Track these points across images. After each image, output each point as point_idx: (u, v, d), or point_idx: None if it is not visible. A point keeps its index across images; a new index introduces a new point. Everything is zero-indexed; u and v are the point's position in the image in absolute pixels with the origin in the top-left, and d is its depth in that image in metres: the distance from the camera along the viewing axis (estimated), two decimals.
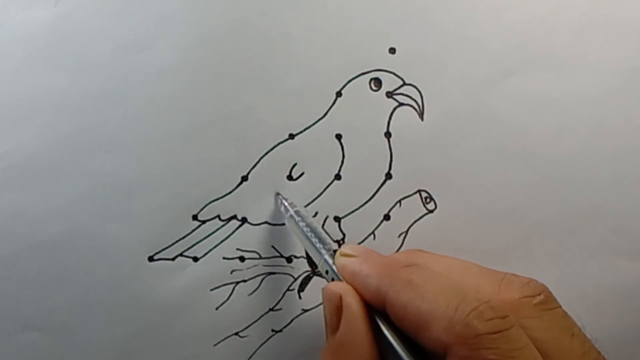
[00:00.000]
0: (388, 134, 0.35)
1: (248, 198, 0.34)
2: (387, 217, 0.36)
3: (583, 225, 0.38)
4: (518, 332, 0.23)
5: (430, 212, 0.36)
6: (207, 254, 0.34)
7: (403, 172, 0.35)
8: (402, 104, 0.35)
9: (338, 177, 0.35)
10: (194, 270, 0.33)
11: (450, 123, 0.36)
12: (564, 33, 0.37)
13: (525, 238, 0.37)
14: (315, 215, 0.35)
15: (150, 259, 0.33)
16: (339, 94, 0.34)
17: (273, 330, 0.35)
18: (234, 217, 0.34)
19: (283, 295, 0.35)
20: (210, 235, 0.33)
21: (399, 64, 0.35)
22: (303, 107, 0.34)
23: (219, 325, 0.34)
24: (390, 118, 0.35)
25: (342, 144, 0.35)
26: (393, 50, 0.35)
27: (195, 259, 0.33)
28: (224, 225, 0.34)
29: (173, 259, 0.33)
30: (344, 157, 0.35)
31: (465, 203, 0.36)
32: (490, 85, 0.36)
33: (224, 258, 0.34)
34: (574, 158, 0.37)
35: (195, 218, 0.33)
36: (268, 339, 0.35)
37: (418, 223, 0.36)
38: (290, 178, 0.34)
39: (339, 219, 0.35)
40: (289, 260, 0.35)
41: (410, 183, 0.36)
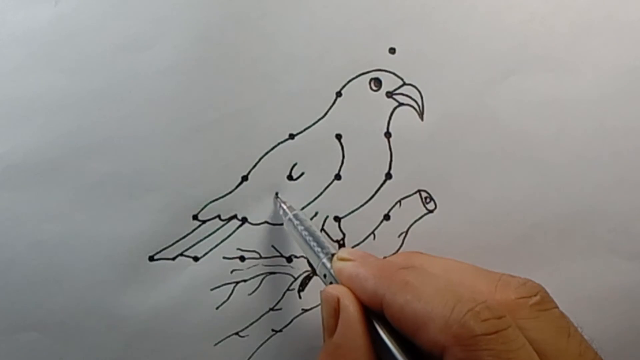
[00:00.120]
0: (388, 134, 0.35)
1: (248, 198, 0.34)
2: (387, 217, 0.36)
3: (583, 226, 0.38)
4: (515, 332, 0.23)
5: (430, 212, 0.36)
6: (207, 254, 0.34)
7: (403, 172, 0.35)
8: (402, 104, 0.35)
9: (338, 177, 0.35)
10: (194, 270, 0.33)
11: (450, 123, 0.36)
12: (564, 33, 0.37)
13: (525, 238, 0.37)
14: (316, 215, 0.35)
15: (151, 259, 0.33)
16: (339, 94, 0.34)
17: (273, 330, 0.35)
18: (234, 217, 0.34)
19: (283, 295, 0.35)
20: (211, 235, 0.33)
21: (399, 64, 0.35)
22: (303, 107, 0.34)
23: (219, 325, 0.34)
24: (390, 118, 0.35)
25: (342, 144, 0.35)
26: (393, 50, 0.35)
27: (196, 259, 0.33)
28: (224, 225, 0.34)
29: (173, 259, 0.33)
30: (344, 157, 0.35)
31: (465, 203, 0.36)
32: (490, 86, 0.36)
33: (224, 258, 0.34)
34: (574, 158, 0.37)
35: (196, 218, 0.33)
36: (268, 339, 0.35)
37: (418, 223, 0.36)
38: (290, 178, 0.34)
39: (339, 219, 0.35)
40: (289, 260, 0.35)
41: (410, 183, 0.36)
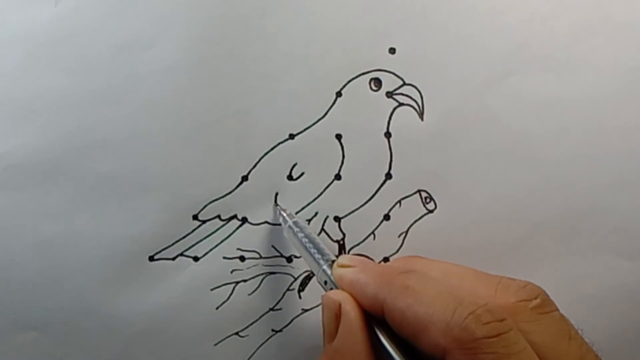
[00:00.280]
0: (388, 134, 0.35)
1: (248, 198, 0.34)
2: (387, 217, 0.36)
3: (583, 226, 0.38)
4: (516, 335, 0.23)
5: (430, 212, 0.36)
6: (207, 254, 0.34)
7: (403, 172, 0.35)
8: (402, 104, 0.35)
9: (338, 177, 0.35)
10: (194, 270, 0.33)
11: (450, 123, 0.36)
12: (564, 33, 0.37)
13: (525, 238, 0.37)
14: (316, 215, 0.35)
15: (151, 259, 0.33)
16: (339, 94, 0.34)
17: (273, 330, 0.35)
18: (234, 217, 0.34)
19: (283, 295, 0.35)
20: (211, 235, 0.33)
21: (399, 64, 0.35)
22: (303, 107, 0.34)
23: (219, 325, 0.34)
24: (390, 118, 0.35)
25: (342, 144, 0.35)
26: (393, 50, 0.35)
27: (196, 259, 0.33)
28: (224, 225, 0.34)
29: (173, 259, 0.33)
30: (344, 157, 0.35)
31: (465, 203, 0.36)
32: (490, 86, 0.36)
33: (224, 258, 0.34)
34: (574, 158, 0.37)
35: (196, 218, 0.33)
36: (268, 339, 0.35)
37: (418, 223, 0.36)
38: (290, 178, 0.34)
39: (339, 219, 0.35)
40: (289, 260, 0.35)
41: (410, 183, 0.36)
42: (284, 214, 0.33)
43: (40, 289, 0.32)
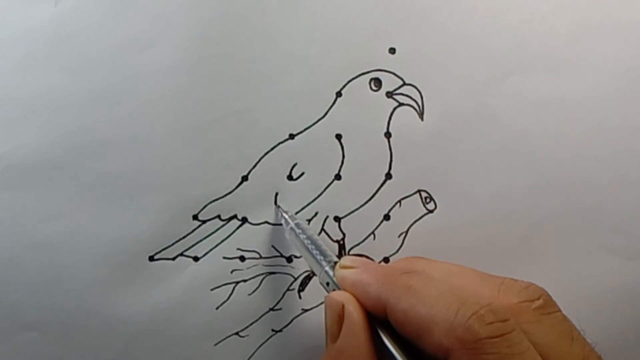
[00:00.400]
0: (388, 134, 0.35)
1: (248, 198, 0.34)
2: (387, 217, 0.36)
3: (583, 226, 0.38)
4: (519, 335, 0.23)
5: (430, 212, 0.36)
6: (207, 254, 0.34)
7: (403, 172, 0.35)
8: (402, 104, 0.35)
9: (338, 177, 0.35)
10: (194, 270, 0.33)
11: (450, 123, 0.36)
12: (564, 33, 0.37)
13: (525, 238, 0.37)
14: (316, 215, 0.35)
15: (151, 259, 0.33)
16: (339, 94, 0.34)
17: (273, 330, 0.35)
18: (234, 217, 0.34)
19: (283, 295, 0.35)
20: (211, 235, 0.33)
21: (399, 64, 0.35)
22: (303, 107, 0.34)
23: (219, 325, 0.34)
24: (390, 118, 0.35)
25: (342, 144, 0.35)
26: (393, 50, 0.35)
27: (196, 259, 0.33)
28: (224, 225, 0.34)
29: (173, 259, 0.33)
30: (344, 157, 0.35)
31: (465, 203, 0.36)
32: (490, 86, 0.36)
33: (224, 258, 0.34)
34: (574, 158, 0.37)
35: (196, 218, 0.33)
36: (268, 339, 0.35)
37: (418, 223, 0.36)
38: (290, 178, 0.34)
39: (339, 219, 0.35)
40: (289, 260, 0.35)
41: (410, 183, 0.36)
42: (286, 216, 0.33)
43: (40, 289, 0.32)
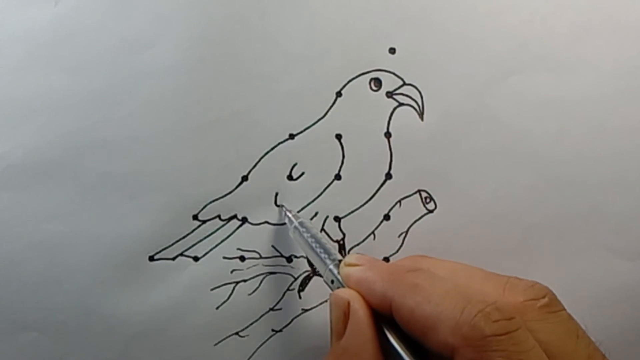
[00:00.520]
0: (388, 134, 0.35)
1: (248, 198, 0.34)
2: (387, 217, 0.36)
3: (583, 226, 0.38)
4: (525, 334, 0.23)
5: (430, 212, 0.36)
6: (207, 254, 0.34)
7: (403, 172, 0.35)
8: (402, 104, 0.35)
9: (338, 177, 0.35)
10: (194, 270, 0.33)
11: (450, 123, 0.36)
12: (564, 33, 0.37)
13: (525, 238, 0.37)
14: (316, 215, 0.35)
15: (151, 259, 0.33)
16: (339, 94, 0.34)
17: (273, 330, 0.35)
18: (234, 216, 0.34)
19: (283, 295, 0.35)
20: (211, 235, 0.33)
21: (399, 64, 0.35)
22: (303, 107, 0.34)
23: (219, 325, 0.34)
24: (390, 118, 0.35)
25: (342, 144, 0.35)
26: (393, 50, 0.35)
27: (196, 259, 0.33)
28: (224, 225, 0.34)
29: (173, 259, 0.33)
30: (344, 157, 0.35)
31: (465, 203, 0.36)
32: (490, 85, 0.36)
33: (224, 258, 0.34)
34: (574, 158, 0.37)
35: (196, 218, 0.33)
36: (268, 339, 0.35)
37: (418, 223, 0.36)
38: (290, 178, 0.34)
39: (339, 219, 0.35)
40: (289, 260, 0.35)
41: (410, 183, 0.36)
42: (290, 215, 0.33)
43: (40, 289, 0.32)
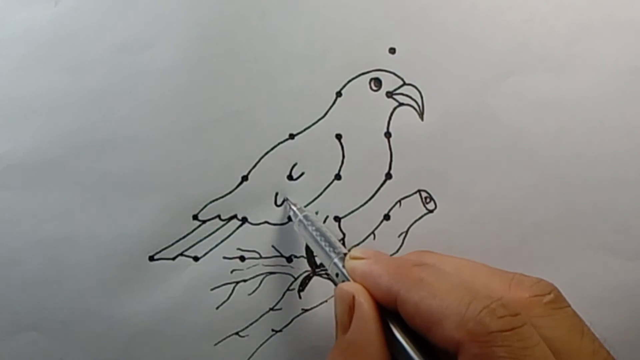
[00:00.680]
0: (388, 134, 0.35)
1: (248, 198, 0.34)
2: (387, 217, 0.36)
3: (583, 226, 0.38)
4: (530, 330, 0.23)
5: (430, 212, 0.36)
6: (207, 254, 0.34)
7: (403, 172, 0.35)
8: (402, 104, 0.35)
9: (338, 177, 0.35)
10: (194, 270, 0.33)
11: (450, 123, 0.36)
12: (564, 33, 0.37)
13: (525, 238, 0.37)
14: (316, 215, 0.35)
15: (151, 259, 0.33)
16: (339, 94, 0.34)
17: (273, 330, 0.35)
18: (234, 216, 0.34)
19: (283, 295, 0.35)
20: (211, 235, 0.33)
21: (399, 64, 0.35)
22: (303, 107, 0.34)
23: (219, 325, 0.34)
24: (390, 118, 0.35)
25: (342, 144, 0.35)
26: (393, 50, 0.35)
27: (196, 259, 0.33)
28: (224, 225, 0.34)
29: (173, 259, 0.33)
30: (344, 157, 0.35)
31: (465, 203, 0.36)
32: (490, 85, 0.36)
33: (224, 258, 0.34)
34: (574, 158, 0.37)
35: (196, 218, 0.33)
36: (268, 339, 0.35)
37: (418, 223, 0.36)
38: (290, 178, 0.34)
39: (339, 219, 0.35)
40: (289, 260, 0.35)
41: (410, 183, 0.36)
42: (294, 208, 0.33)
43: (40, 289, 0.32)
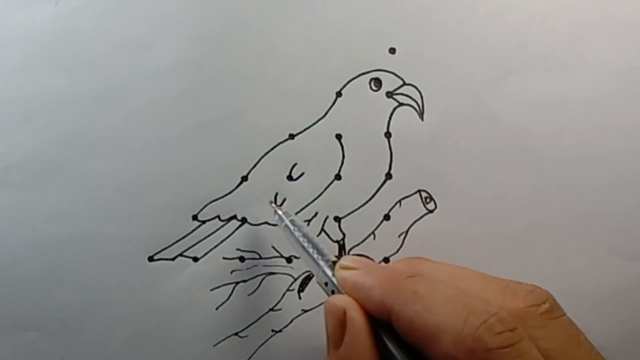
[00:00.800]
0: (388, 134, 0.35)
1: (248, 198, 0.34)
2: (387, 217, 0.36)
3: (583, 226, 0.38)
4: (528, 344, 0.23)
5: (430, 212, 0.36)
6: (207, 254, 0.34)
7: (403, 172, 0.35)
8: (402, 104, 0.35)
9: (338, 177, 0.35)
10: (194, 270, 0.33)
11: (450, 123, 0.36)
12: (564, 33, 0.37)
13: (525, 238, 0.37)
14: (316, 215, 0.35)
15: (150, 259, 0.33)
16: (339, 94, 0.34)
17: (273, 330, 0.35)
18: (234, 217, 0.34)
19: (283, 296, 0.35)
20: (210, 235, 0.33)
21: (399, 64, 0.35)
22: (303, 107, 0.34)
23: (219, 325, 0.34)
24: (390, 118, 0.35)
25: (342, 144, 0.35)
26: (393, 50, 0.35)
27: (195, 259, 0.33)
28: (224, 226, 0.34)
29: (173, 259, 0.33)
30: (344, 157, 0.35)
31: (465, 203, 0.36)
32: (490, 86, 0.36)
33: (224, 258, 0.34)
34: (574, 158, 0.37)
35: (195, 218, 0.33)
36: (268, 339, 0.35)
37: (418, 223, 0.36)
38: (290, 178, 0.34)
39: (339, 219, 0.35)
40: (289, 261, 0.35)
41: (410, 183, 0.36)
42: (280, 213, 0.32)
43: (40, 289, 0.32)
